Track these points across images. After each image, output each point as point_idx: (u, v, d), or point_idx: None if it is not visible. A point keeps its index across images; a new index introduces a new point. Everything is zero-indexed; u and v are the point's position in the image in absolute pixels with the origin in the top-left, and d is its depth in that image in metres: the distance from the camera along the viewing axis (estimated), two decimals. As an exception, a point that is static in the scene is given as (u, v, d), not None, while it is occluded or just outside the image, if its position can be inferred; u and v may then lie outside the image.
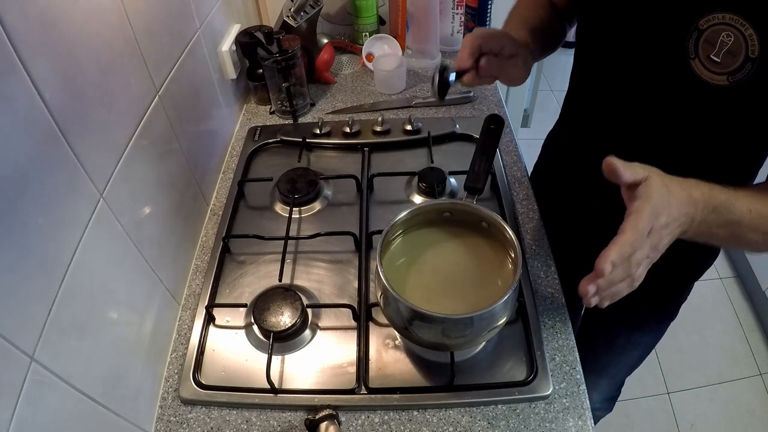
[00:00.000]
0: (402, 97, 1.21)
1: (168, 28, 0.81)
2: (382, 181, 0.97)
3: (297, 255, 0.87)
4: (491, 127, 0.77)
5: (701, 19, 0.55)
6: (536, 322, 0.75)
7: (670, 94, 0.63)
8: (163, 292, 0.77)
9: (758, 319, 1.80)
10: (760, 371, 1.68)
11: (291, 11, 1.11)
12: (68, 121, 0.53)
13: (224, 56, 1.05)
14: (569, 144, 0.90)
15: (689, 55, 0.57)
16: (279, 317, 0.74)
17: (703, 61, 0.56)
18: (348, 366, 0.73)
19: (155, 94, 0.75)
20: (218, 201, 0.98)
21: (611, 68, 0.70)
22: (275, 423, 0.69)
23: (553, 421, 0.67)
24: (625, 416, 1.59)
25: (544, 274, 0.83)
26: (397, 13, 1.28)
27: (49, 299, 0.50)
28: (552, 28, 0.83)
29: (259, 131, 1.10)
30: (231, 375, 0.73)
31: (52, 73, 0.51)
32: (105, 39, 0.62)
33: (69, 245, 0.53)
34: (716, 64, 0.55)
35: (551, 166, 0.99)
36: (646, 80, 0.65)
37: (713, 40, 0.55)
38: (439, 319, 0.60)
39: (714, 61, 0.55)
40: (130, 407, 0.64)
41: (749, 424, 1.58)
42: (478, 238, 0.73)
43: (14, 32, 0.45)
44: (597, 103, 0.76)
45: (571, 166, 0.89)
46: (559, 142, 0.96)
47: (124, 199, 0.65)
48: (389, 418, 0.68)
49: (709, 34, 0.55)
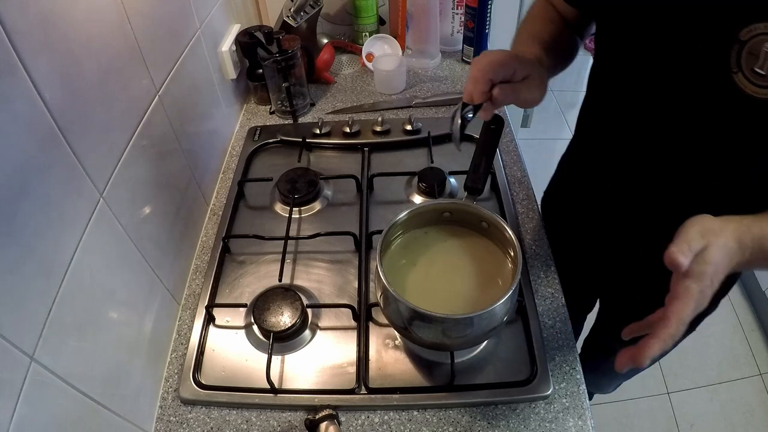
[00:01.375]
0: (402, 97, 1.21)
1: (168, 28, 0.81)
2: (382, 181, 0.97)
3: (297, 255, 0.87)
4: (491, 127, 0.76)
5: (742, 30, 0.51)
6: (536, 322, 0.75)
7: (708, 110, 0.59)
8: (163, 292, 0.77)
9: (758, 319, 1.80)
10: (760, 371, 1.68)
11: (291, 11, 1.11)
12: (68, 121, 0.53)
13: (224, 56, 1.05)
14: (589, 165, 0.85)
15: (731, 69, 0.53)
16: (279, 317, 0.74)
17: (747, 75, 0.52)
18: (348, 366, 0.73)
19: (155, 94, 0.75)
20: (218, 201, 0.99)
21: (639, 85, 0.66)
22: (275, 423, 0.69)
23: (553, 421, 0.67)
24: (625, 416, 1.59)
25: (544, 274, 0.83)
26: (397, 13, 1.28)
27: (49, 299, 0.50)
28: (564, 42, 0.78)
29: (259, 131, 1.10)
30: (231, 375, 0.73)
31: (52, 73, 0.51)
32: (105, 39, 0.62)
33: (69, 245, 0.53)
34: (761, 77, 0.51)
35: (568, 188, 0.95)
36: (681, 97, 0.61)
37: (756, 51, 0.51)
38: (439, 319, 0.60)
39: (758, 73, 0.51)
40: (130, 407, 0.64)
41: (749, 424, 1.58)
42: (478, 238, 0.73)
43: (14, 32, 0.45)
44: (621, 122, 0.72)
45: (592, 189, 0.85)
46: (577, 163, 0.91)
47: (124, 199, 0.65)
48: (389, 418, 0.68)
49: (751, 45, 0.51)
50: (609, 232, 0.84)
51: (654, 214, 0.73)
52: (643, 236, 0.78)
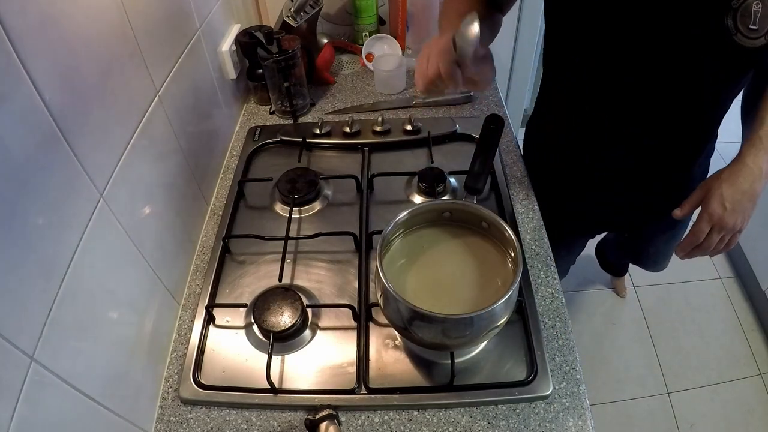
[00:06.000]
0: (402, 97, 1.21)
1: (168, 28, 0.81)
2: (382, 181, 0.97)
3: (297, 255, 0.87)
4: (491, 127, 0.77)
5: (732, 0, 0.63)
6: (536, 322, 0.75)
7: (701, 65, 0.71)
8: (163, 292, 0.77)
9: (758, 319, 1.80)
10: (760, 371, 1.68)
11: (291, 11, 1.11)
12: (68, 121, 0.53)
13: (224, 56, 1.05)
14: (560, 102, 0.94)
15: (731, 33, 0.65)
16: (279, 317, 0.74)
17: (745, 33, 0.64)
18: (348, 366, 0.73)
19: (155, 94, 0.75)
20: (218, 201, 0.98)
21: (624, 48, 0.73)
22: (275, 423, 0.69)
23: (553, 421, 0.67)
24: (625, 416, 1.59)
25: (544, 274, 0.83)
26: (397, 13, 1.28)
27: (49, 299, 0.50)
28: (491, 20, 0.83)
29: (259, 131, 1.10)
30: (231, 375, 0.73)
31: (52, 73, 0.51)
32: (105, 39, 0.62)
33: (69, 245, 0.53)
34: (754, 31, 0.64)
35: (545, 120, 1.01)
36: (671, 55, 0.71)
37: (748, 12, 0.63)
38: (439, 319, 0.60)
39: (753, 29, 0.64)
40: (130, 407, 0.64)
41: (749, 424, 1.58)
42: (478, 238, 0.73)
43: (14, 32, 0.45)
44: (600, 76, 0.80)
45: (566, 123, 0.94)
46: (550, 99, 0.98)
47: (124, 199, 0.65)
48: (389, 418, 0.68)
49: (743, 9, 0.63)
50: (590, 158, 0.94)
51: (626, 139, 0.86)
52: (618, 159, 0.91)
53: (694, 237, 0.78)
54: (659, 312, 1.83)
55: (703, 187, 0.78)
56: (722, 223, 0.75)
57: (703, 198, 0.77)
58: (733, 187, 0.73)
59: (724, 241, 0.78)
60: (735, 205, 0.73)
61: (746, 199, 0.73)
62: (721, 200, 0.74)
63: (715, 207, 0.75)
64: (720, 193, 0.74)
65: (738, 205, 0.73)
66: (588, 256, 1.85)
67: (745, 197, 0.73)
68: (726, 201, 0.74)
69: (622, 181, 0.94)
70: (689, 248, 0.80)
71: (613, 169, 0.92)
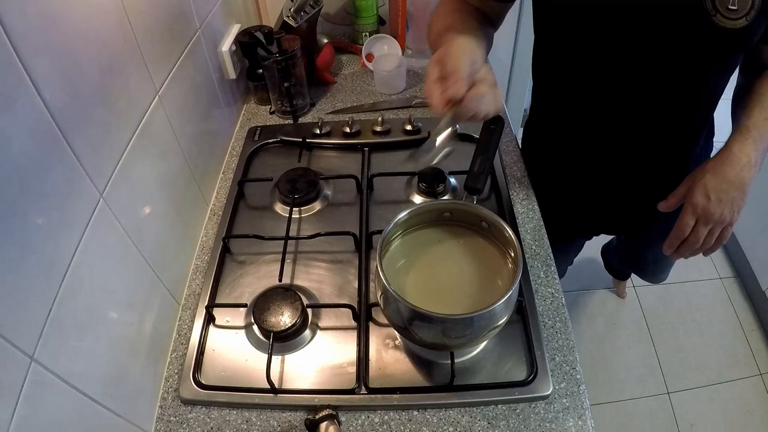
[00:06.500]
0: (402, 97, 1.21)
1: (168, 28, 0.81)
2: (382, 181, 0.97)
3: (297, 255, 0.87)
4: (491, 127, 0.76)
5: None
6: (536, 322, 0.75)
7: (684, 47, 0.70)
8: (163, 292, 0.77)
9: (758, 319, 1.80)
10: (760, 371, 1.68)
11: (291, 11, 1.11)
12: (68, 121, 0.53)
13: (224, 56, 1.05)
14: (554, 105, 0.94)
15: (710, 14, 0.65)
16: (279, 317, 0.74)
17: (724, 14, 0.64)
18: (348, 366, 0.73)
19: (155, 94, 0.75)
20: (218, 201, 0.98)
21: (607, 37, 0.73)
22: (275, 423, 0.69)
23: (553, 421, 0.67)
24: (625, 416, 1.59)
25: (544, 274, 0.83)
26: (397, 13, 1.28)
27: (49, 299, 0.50)
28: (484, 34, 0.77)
29: (259, 131, 1.10)
30: (231, 375, 0.73)
31: (52, 73, 0.51)
32: (105, 39, 0.62)
33: (69, 245, 0.53)
34: (734, 11, 0.64)
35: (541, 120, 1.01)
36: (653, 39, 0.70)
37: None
38: (439, 319, 0.60)
39: (732, 9, 0.64)
40: (130, 407, 0.64)
41: (749, 424, 1.58)
42: (478, 238, 0.73)
43: (14, 32, 0.45)
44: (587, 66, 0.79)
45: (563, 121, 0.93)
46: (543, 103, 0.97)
47: (124, 199, 0.65)
48: (389, 418, 0.68)
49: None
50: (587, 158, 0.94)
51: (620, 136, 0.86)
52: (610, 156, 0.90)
53: (679, 231, 0.75)
54: (659, 312, 1.83)
55: (688, 179, 0.76)
56: (707, 214, 0.72)
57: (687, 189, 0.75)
58: (718, 177, 0.71)
59: (714, 235, 0.75)
60: (720, 195, 0.71)
61: (733, 188, 0.70)
62: (705, 190, 0.71)
63: (698, 198, 0.72)
64: (704, 183, 0.72)
65: (724, 194, 0.71)
66: (588, 259, 1.86)
67: (732, 186, 0.70)
68: (710, 191, 0.71)
69: (620, 179, 0.93)
70: (676, 243, 0.77)
71: (610, 166, 0.91)
